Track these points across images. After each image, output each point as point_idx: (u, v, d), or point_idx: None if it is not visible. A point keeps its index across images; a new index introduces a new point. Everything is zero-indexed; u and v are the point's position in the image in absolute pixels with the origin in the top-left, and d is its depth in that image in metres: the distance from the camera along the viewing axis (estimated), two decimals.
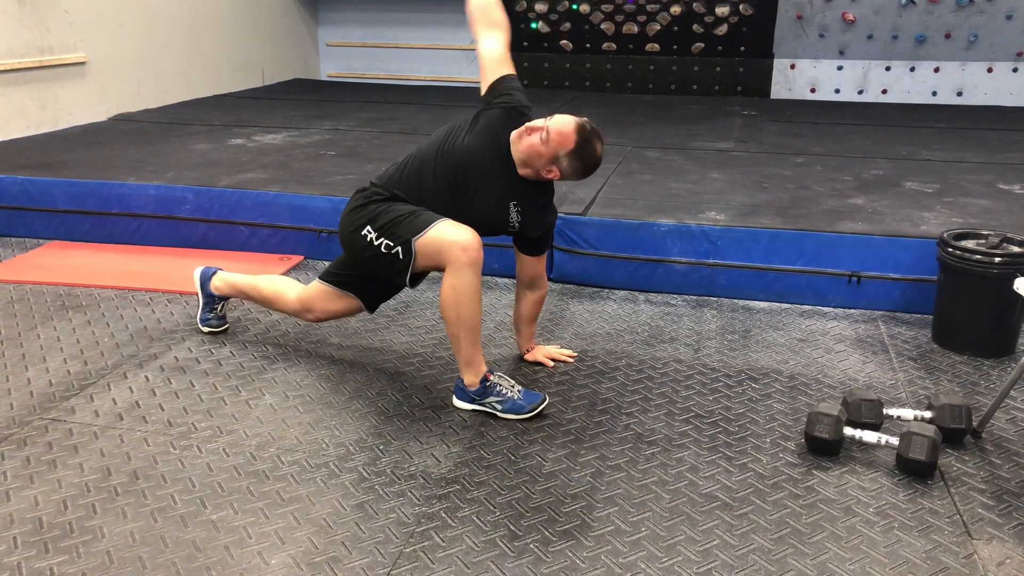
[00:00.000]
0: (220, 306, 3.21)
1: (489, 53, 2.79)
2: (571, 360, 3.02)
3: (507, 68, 2.78)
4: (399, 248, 2.56)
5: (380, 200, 2.65)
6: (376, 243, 2.60)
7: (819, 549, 2.03)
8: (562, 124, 2.55)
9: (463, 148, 2.63)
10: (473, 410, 2.65)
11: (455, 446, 2.45)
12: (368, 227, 2.62)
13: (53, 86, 5.67)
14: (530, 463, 2.37)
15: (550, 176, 2.62)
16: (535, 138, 2.55)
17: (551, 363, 2.99)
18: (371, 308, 2.94)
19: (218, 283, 3.16)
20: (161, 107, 6.60)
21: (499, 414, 2.61)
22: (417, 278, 2.63)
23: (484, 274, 2.75)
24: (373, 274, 2.75)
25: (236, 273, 3.17)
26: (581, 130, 2.56)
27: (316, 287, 2.91)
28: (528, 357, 3.02)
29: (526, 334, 3.01)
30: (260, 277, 3.11)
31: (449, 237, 2.49)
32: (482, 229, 2.59)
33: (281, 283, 3.06)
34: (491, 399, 2.62)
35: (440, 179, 2.63)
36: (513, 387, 2.64)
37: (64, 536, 2.04)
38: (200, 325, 3.21)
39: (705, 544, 2.05)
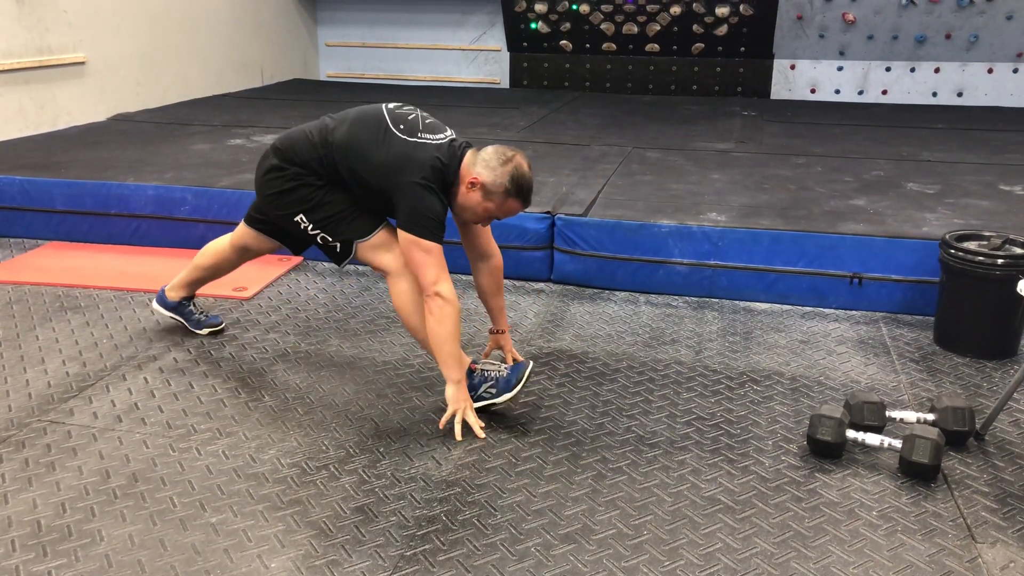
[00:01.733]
0: (192, 307, 3.20)
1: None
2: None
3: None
4: (339, 244, 2.64)
5: (310, 185, 2.61)
6: (312, 232, 2.66)
7: (822, 553, 2.02)
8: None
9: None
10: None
11: (455, 449, 2.44)
12: (302, 216, 2.64)
13: (52, 86, 5.65)
14: (531, 465, 2.36)
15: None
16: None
17: (509, 355, 2.90)
18: (296, 253, 2.98)
19: (171, 294, 3.16)
20: (160, 107, 6.59)
21: (496, 401, 2.58)
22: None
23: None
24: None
25: (175, 277, 3.17)
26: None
27: (244, 230, 2.95)
28: (491, 340, 2.90)
29: (495, 308, 2.86)
30: (194, 258, 3.11)
31: (391, 246, 2.57)
32: None
33: (213, 246, 3.06)
34: (484, 388, 2.60)
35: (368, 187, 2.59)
36: (500, 368, 2.62)
37: (63, 539, 2.02)
38: (196, 331, 3.19)
39: (707, 548, 2.03)
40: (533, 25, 8.15)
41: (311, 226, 2.64)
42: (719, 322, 3.43)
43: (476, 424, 2.51)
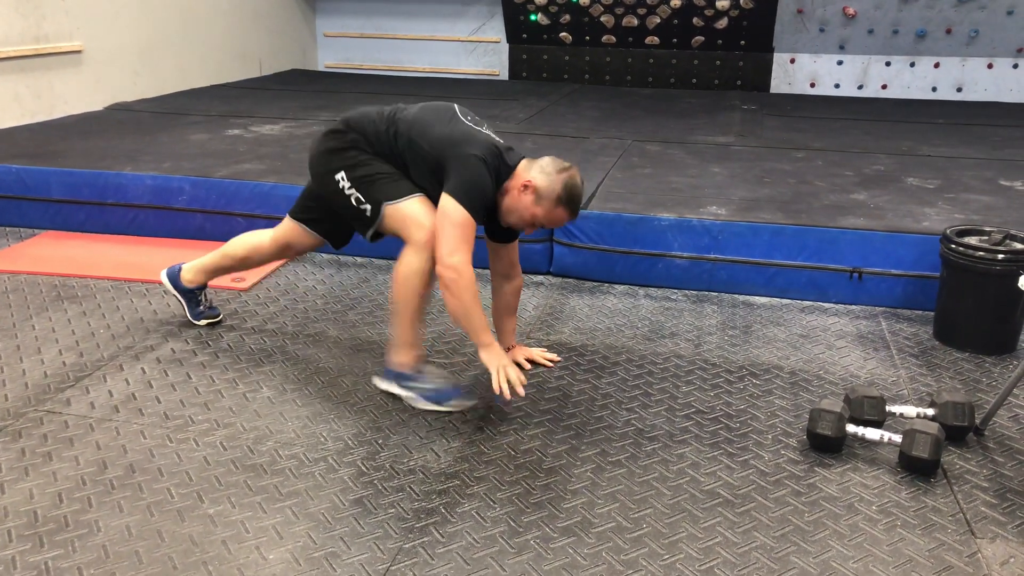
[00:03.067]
0: (202, 296, 3.18)
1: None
2: (551, 364, 2.93)
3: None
4: (369, 206, 2.58)
5: (361, 150, 2.61)
6: (347, 192, 2.60)
7: (822, 547, 2.02)
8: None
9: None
10: (388, 392, 2.66)
11: (454, 441, 2.43)
12: (343, 173, 2.60)
13: (48, 75, 5.62)
14: (530, 458, 2.35)
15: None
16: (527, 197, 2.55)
17: (528, 366, 2.90)
18: (337, 246, 2.94)
19: (187, 276, 3.11)
20: (158, 97, 6.56)
21: (414, 402, 2.60)
22: (378, 236, 2.63)
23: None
24: (337, 212, 2.74)
25: (198, 258, 3.12)
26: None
27: (288, 225, 2.91)
28: (508, 356, 2.94)
29: (507, 329, 2.91)
30: (225, 246, 3.07)
31: (419, 217, 2.51)
32: None
33: (250, 238, 3.03)
34: (413, 384, 2.60)
35: (421, 167, 2.59)
36: (440, 381, 2.62)
37: (60, 530, 2.01)
38: (194, 321, 3.18)
39: (707, 541, 2.03)
40: (533, 17, 8.12)
41: (348, 184, 2.59)
42: (718, 316, 3.42)
43: (517, 380, 2.46)
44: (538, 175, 2.53)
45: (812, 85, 7.89)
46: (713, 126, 5.95)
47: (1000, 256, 3.01)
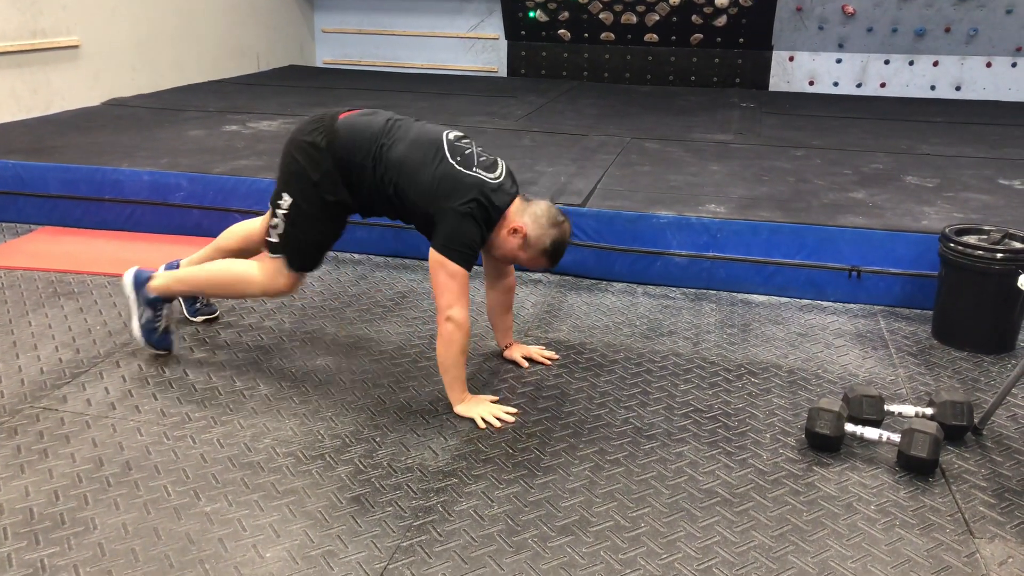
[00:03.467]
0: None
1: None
2: (549, 363, 2.92)
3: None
4: (276, 241, 2.67)
5: (322, 192, 2.57)
6: (278, 211, 2.64)
7: (820, 547, 2.02)
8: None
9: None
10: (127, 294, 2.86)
11: (452, 439, 2.43)
12: (290, 200, 2.61)
13: (45, 70, 5.60)
14: (528, 457, 2.35)
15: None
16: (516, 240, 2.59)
17: (526, 364, 2.89)
18: None
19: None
20: (155, 92, 6.54)
21: (130, 318, 2.84)
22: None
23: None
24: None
25: (195, 254, 3.08)
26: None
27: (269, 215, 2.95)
28: (506, 355, 2.93)
29: (502, 327, 2.91)
30: (217, 239, 3.05)
31: (280, 280, 2.70)
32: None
33: (242, 227, 3.03)
34: (148, 311, 2.81)
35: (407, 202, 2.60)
36: (166, 326, 2.85)
37: (55, 527, 2.00)
38: (191, 318, 3.16)
39: (705, 540, 2.03)
40: (531, 14, 8.10)
41: (284, 211, 2.62)
42: (717, 314, 3.41)
43: (503, 412, 2.55)
44: (530, 223, 2.55)
45: (811, 83, 7.88)
46: (712, 124, 5.95)
47: (999, 255, 3.00)
